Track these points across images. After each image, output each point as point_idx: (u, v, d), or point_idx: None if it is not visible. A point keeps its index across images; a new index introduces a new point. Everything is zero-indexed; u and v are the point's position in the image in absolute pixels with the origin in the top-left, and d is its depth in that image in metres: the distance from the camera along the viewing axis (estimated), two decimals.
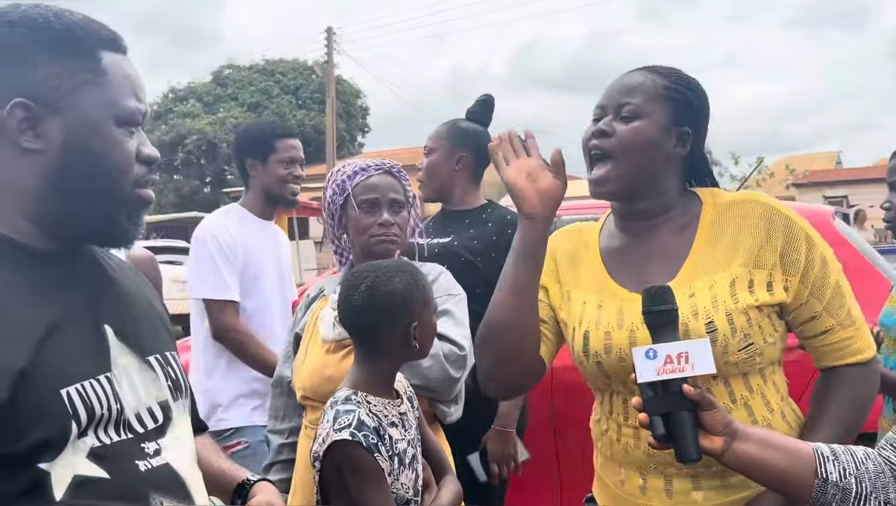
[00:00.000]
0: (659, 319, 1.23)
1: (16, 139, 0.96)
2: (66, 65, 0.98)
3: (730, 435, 1.18)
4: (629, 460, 1.43)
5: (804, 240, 1.39)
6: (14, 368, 0.87)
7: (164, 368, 1.11)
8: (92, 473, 0.91)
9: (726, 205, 1.45)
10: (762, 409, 1.39)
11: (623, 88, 1.45)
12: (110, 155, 1.01)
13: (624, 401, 1.44)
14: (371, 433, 1.45)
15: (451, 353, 1.81)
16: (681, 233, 1.46)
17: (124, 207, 1.04)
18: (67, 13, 1.01)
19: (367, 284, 1.55)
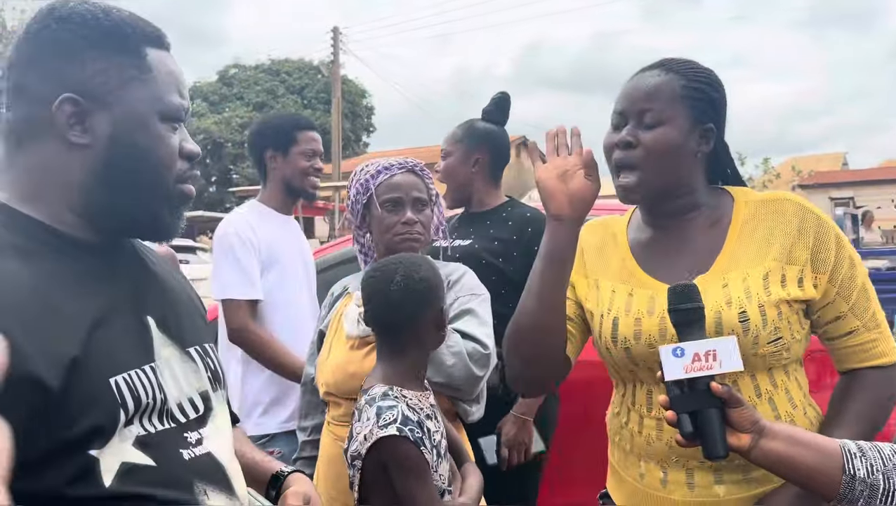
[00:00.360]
0: (685, 318, 1.24)
1: (64, 133, 0.97)
2: (113, 61, 0.99)
3: (757, 432, 1.19)
4: (650, 453, 1.44)
5: (834, 240, 1.41)
6: (66, 356, 0.88)
7: (204, 360, 1.13)
8: (139, 460, 0.93)
9: (759, 203, 1.46)
10: (786, 404, 1.40)
11: (642, 93, 1.44)
12: (155, 150, 1.02)
13: (648, 392, 1.45)
14: (416, 427, 1.47)
15: (475, 351, 1.82)
16: (712, 228, 1.47)
17: (167, 201, 1.05)
18: (115, 10, 1.02)
19: (402, 275, 1.57)
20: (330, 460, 1.83)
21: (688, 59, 1.50)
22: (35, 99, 0.98)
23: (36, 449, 0.84)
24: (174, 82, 1.05)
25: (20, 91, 0.99)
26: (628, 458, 1.50)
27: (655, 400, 1.43)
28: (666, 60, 1.49)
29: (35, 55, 0.98)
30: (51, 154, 0.98)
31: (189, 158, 1.07)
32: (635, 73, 1.50)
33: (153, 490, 0.93)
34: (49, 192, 0.99)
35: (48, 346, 0.87)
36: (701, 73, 1.46)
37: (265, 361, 2.50)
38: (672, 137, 1.41)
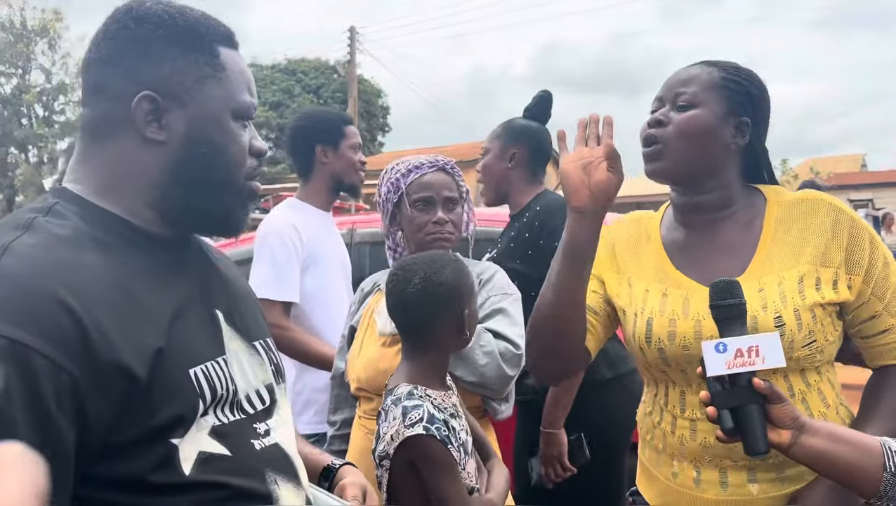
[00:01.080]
0: (727, 313, 1.24)
1: (141, 130, 1.00)
2: (188, 59, 1.02)
3: (797, 429, 1.19)
4: (683, 453, 1.45)
5: (868, 240, 1.40)
6: (152, 347, 0.91)
7: (268, 354, 1.15)
8: (215, 449, 0.95)
9: (792, 203, 1.46)
10: (819, 404, 1.40)
11: (679, 80, 1.47)
12: (228, 148, 1.04)
13: (681, 393, 1.45)
14: (442, 426, 1.48)
15: (507, 351, 1.82)
16: (746, 228, 1.47)
17: (238, 198, 1.08)
18: (188, 9, 1.04)
19: (421, 277, 1.58)
20: (361, 454, 1.84)
21: (732, 61, 1.51)
22: (114, 96, 1.00)
23: (122, 436, 0.87)
24: (245, 81, 1.07)
25: (99, 88, 1.02)
26: (660, 457, 1.50)
27: (688, 401, 1.44)
28: (710, 59, 1.51)
29: (114, 54, 1.01)
30: (128, 150, 1.01)
31: (258, 155, 1.09)
32: (680, 69, 1.52)
33: (229, 478, 0.95)
34: (125, 186, 1.01)
35: (135, 337, 0.90)
36: (742, 70, 1.48)
37: (300, 357, 2.50)
38: (703, 119, 1.42)
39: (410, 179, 1.95)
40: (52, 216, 0.96)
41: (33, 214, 0.96)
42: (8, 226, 0.93)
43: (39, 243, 0.90)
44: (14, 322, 0.80)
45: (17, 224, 0.93)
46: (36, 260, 0.88)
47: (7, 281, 0.84)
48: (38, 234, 0.92)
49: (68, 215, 0.97)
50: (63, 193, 1.02)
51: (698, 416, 1.41)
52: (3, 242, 0.89)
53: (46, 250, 0.90)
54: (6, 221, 0.96)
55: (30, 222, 0.94)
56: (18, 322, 0.81)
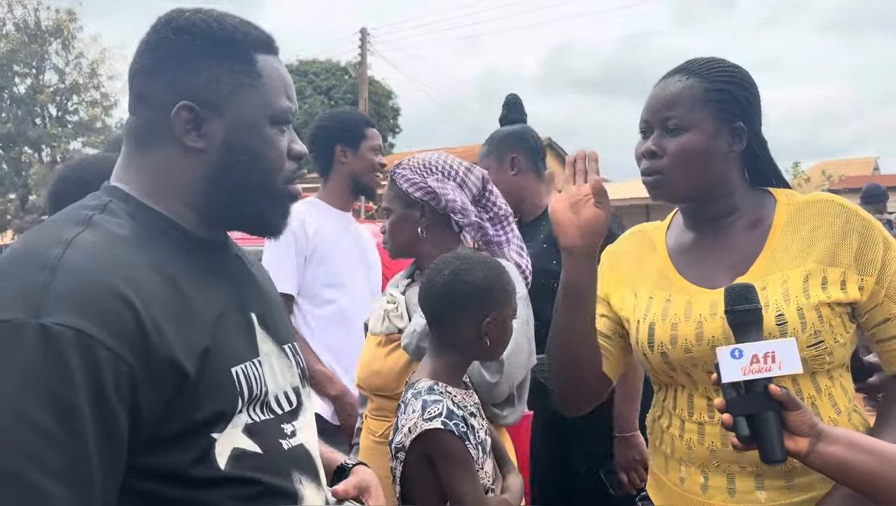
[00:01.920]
0: (743, 319, 1.22)
1: (181, 138, 1.03)
2: (225, 68, 1.04)
3: (815, 436, 1.17)
4: (691, 458, 1.43)
5: (882, 241, 1.38)
6: (200, 345, 0.95)
7: (295, 357, 1.19)
8: (248, 447, 0.98)
9: (802, 204, 1.45)
10: (829, 410, 1.38)
11: (664, 102, 1.44)
12: (266, 154, 1.07)
13: (689, 396, 1.44)
14: (461, 422, 1.48)
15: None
16: (753, 229, 1.45)
17: (277, 201, 1.10)
18: (227, 17, 1.07)
19: (451, 269, 1.57)
20: (363, 452, 1.88)
21: (712, 58, 1.48)
22: (155, 105, 1.03)
23: (170, 429, 0.91)
24: (282, 86, 1.09)
25: (141, 98, 1.06)
26: (669, 462, 1.49)
27: (696, 404, 1.42)
28: (688, 63, 1.48)
29: (155, 64, 1.04)
30: (169, 157, 1.04)
31: (297, 158, 1.11)
32: (659, 79, 1.49)
33: (260, 475, 0.99)
34: (168, 190, 1.05)
35: (186, 335, 0.94)
36: (724, 73, 1.44)
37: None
38: (697, 142, 1.40)
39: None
40: (108, 214, 1.00)
41: (90, 211, 1.00)
42: (68, 221, 0.97)
43: (100, 240, 0.94)
44: (80, 313, 0.84)
45: (77, 220, 0.97)
46: (98, 256, 0.92)
47: (72, 274, 0.88)
48: (98, 231, 0.96)
49: (122, 214, 1.01)
50: (115, 192, 1.05)
51: (706, 419, 1.40)
52: (67, 237, 0.92)
53: (107, 247, 0.94)
54: (64, 217, 1.00)
55: (89, 219, 0.97)
56: (84, 314, 0.85)
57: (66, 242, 0.91)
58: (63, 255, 0.89)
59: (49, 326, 0.82)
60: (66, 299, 0.85)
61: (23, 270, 0.89)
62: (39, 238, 0.95)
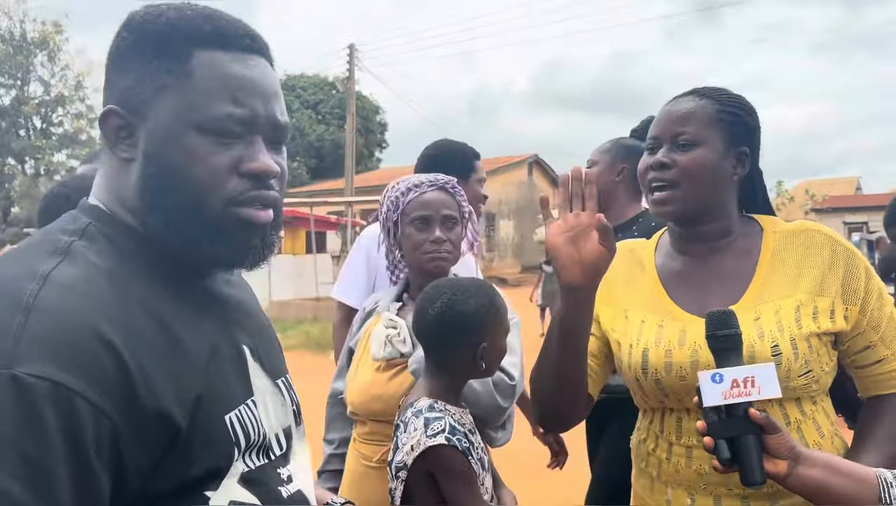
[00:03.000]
0: (723, 344, 1.24)
1: (113, 147, 0.91)
2: (151, 67, 0.89)
3: (794, 459, 1.18)
4: (678, 480, 1.44)
5: (864, 271, 1.41)
6: (191, 393, 0.84)
7: (289, 392, 1.06)
8: (245, 499, 0.88)
9: (788, 233, 1.47)
10: (814, 433, 1.40)
11: (676, 117, 1.45)
12: (189, 168, 0.88)
13: (678, 419, 1.45)
14: (462, 438, 1.49)
15: (501, 382, 1.80)
16: (743, 257, 1.47)
17: (217, 228, 0.90)
18: (173, 10, 0.92)
19: (443, 301, 1.58)
20: (353, 477, 1.84)
21: (721, 87, 1.51)
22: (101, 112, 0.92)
23: (161, 487, 0.81)
24: (223, 88, 0.89)
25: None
26: (654, 484, 1.50)
27: (685, 427, 1.43)
28: (699, 88, 1.50)
29: (106, 68, 0.94)
30: (114, 168, 0.93)
31: (250, 176, 0.91)
32: (669, 101, 1.51)
33: None
34: (129, 207, 0.92)
35: (176, 381, 0.83)
36: (734, 99, 1.48)
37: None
38: (708, 158, 1.42)
39: (410, 197, 1.93)
40: (87, 240, 0.88)
41: (69, 236, 0.87)
42: (42, 250, 0.85)
43: (80, 274, 0.82)
44: (56, 363, 0.73)
45: (55, 249, 0.85)
46: (78, 294, 0.80)
47: (48, 316, 0.76)
48: (77, 263, 0.84)
49: (101, 239, 0.89)
50: (94, 212, 0.93)
51: (694, 443, 1.41)
52: (42, 271, 0.80)
53: (88, 283, 0.82)
54: (38, 243, 0.87)
55: (67, 248, 0.85)
56: (61, 363, 0.74)
57: (41, 277, 0.79)
58: (38, 292, 0.77)
59: (22, 378, 0.71)
60: (42, 346, 0.74)
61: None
62: (10, 270, 0.82)
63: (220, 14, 0.93)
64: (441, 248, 1.90)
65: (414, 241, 1.91)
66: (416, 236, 1.91)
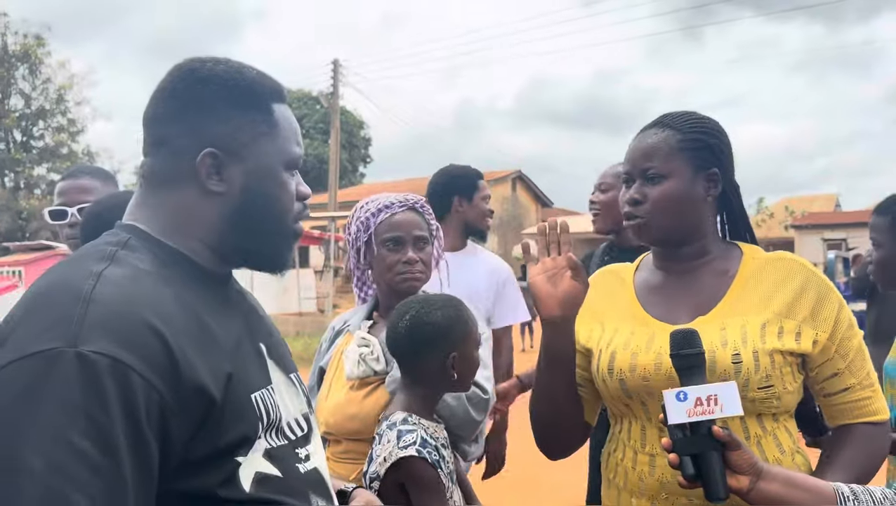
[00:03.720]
0: (687, 363, 1.28)
1: (203, 182, 1.08)
2: (247, 118, 1.10)
3: (755, 474, 1.22)
4: (642, 489, 1.48)
5: (837, 302, 1.48)
6: (224, 371, 0.99)
7: (300, 386, 1.23)
8: (268, 471, 1.02)
9: (766, 260, 1.53)
10: (774, 449, 1.44)
11: (643, 153, 1.53)
12: (280, 197, 1.13)
13: (642, 428, 1.50)
14: (433, 451, 1.54)
15: (475, 395, 1.84)
16: (719, 277, 1.53)
17: (287, 240, 1.17)
18: (246, 69, 1.13)
19: (412, 314, 1.65)
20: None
21: (684, 111, 1.57)
22: (177, 150, 1.08)
23: (198, 453, 0.95)
24: (293, 133, 1.16)
25: (162, 142, 1.10)
26: (621, 495, 1.53)
27: (648, 436, 1.48)
28: (663, 117, 1.57)
29: (178, 111, 1.09)
30: (190, 198, 1.09)
31: (303, 199, 1.18)
32: (637, 133, 1.58)
33: (282, 497, 1.03)
34: (186, 229, 1.10)
35: (211, 362, 0.98)
36: (697, 124, 1.53)
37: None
38: (677, 188, 1.49)
39: (380, 218, 1.96)
40: (129, 250, 1.04)
41: (113, 246, 1.04)
42: (92, 257, 1.01)
43: (127, 274, 0.99)
44: (114, 343, 0.88)
45: (102, 255, 1.01)
46: (127, 289, 0.96)
47: (104, 306, 0.91)
48: (123, 265, 1.00)
49: (141, 249, 1.05)
50: (132, 230, 1.09)
51: (657, 451, 1.45)
52: (96, 271, 0.97)
53: (134, 281, 0.98)
54: (87, 253, 1.04)
55: (113, 254, 1.02)
56: (118, 342, 0.88)
57: (95, 276, 0.95)
58: (95, 287, 0.93)
59: (86, 355, 0.86)
60: (101, 329, 0.89)
61: (56, 302, 0.92)
62: (67, 273, 0.99)
63: (265, 73, 1.16)
64: (414, 268, 1.93)
65: (387, 262, 1.93)
66: (389, 257, 1.93)
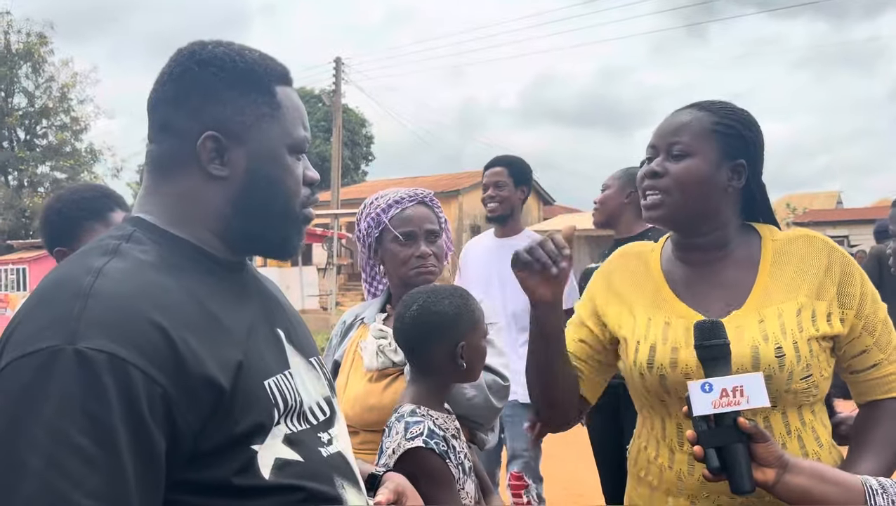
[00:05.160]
0: (711, 354, 1.27)
1: (205, 167, 1.06)
2: (248, 100, 1.08)
3: (781, 467, 1.21)
4: (681, 489, 1.46)
5: (858, 276, 1.45)
6: (233, 360, 0.98)
7: (322, 369, 1.22)
8: (289, 456, 1.01)
9: (786, 241, 1.51)
10: (813, 443, 1.43)
11: (672, 128, 1.50)
12: (285, 181, 1.11)
13: (678, 425, 1.47)
14: (441, 442, 1.53)
15: (494, 383, 1.84)
16: (743, 265, 1.50)
17: (295, 225, 1.14)
18: (247, 51, 1.11)
19: (419, 304, 1.65)
20: None
21: (724, 101, 1.53)
22: (179, 134, 1.06)
23: (211, 444, 0.94)
24: (299, 116, 1.13)
25: (165, 127, 1.08)
26: (654, 494, 1.51)
27: (687, 434, 1.46)
28: (701, 102, 1.53)
29: (179, 95, 1.07)
30: (193, 184, 1.07)
31: (311, 184, 1.16)
32: (670, 114, 1.55)
33: (304, 482, 1.02)
34: (192, 216, 1.08)
35: (218, 352, 0.97)
36: (734, 113, 1.50)
37: None
38: (699, 168, 1.46)
39: (392, 213, 1.96)
40: (133, 243, 1.03)
41: (116, 240, 1.03)
42: (95, 252, 1.00)
43: (128, 267, 0.97)
44: (112, 338, 0.88)
45: (105, 250, 1.00)
46: (127, 283, 0.95)
47: (103, 302, 0.91)
48: (125, 259, 0.99)
49: (147, 242, 1.04)
50: (139, 222, 1.08)
51: None
52: (96, 266, 0.96)
53: (135, 274, 0.97)
54: (92, 248, 1.03)
55: (116, 248, 1.01)
56: (116, 338, 0.88)
57: (95, 271, 0.94)
58: (94, 283, 0.92)
59: (84, 351, 0.86)
60: (99, 325, 0.88)
61: (55, 299, 0.92)
62: (69, 269, 0.98)
63: (269, 55, 1.14)
64: (427, 262, 1.94)
65: (400, 257, 1.94)
66: (402, 252, 1.94)
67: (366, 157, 41.97)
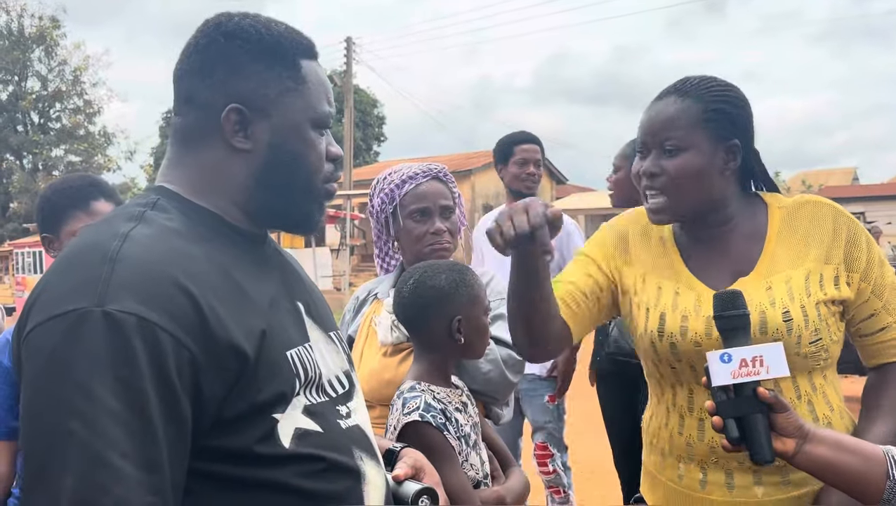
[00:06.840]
0: (731, 324, 1.26)
1: (229, 139, 1.06)
2: (273, 73, 1.07)
3: (801, 437, 1.20)
4: (690, 454, 1.47)
5: (865, 239, 1.45)
6: (257, 328, 0.98)
7: (341, 343, 1.22)
8: (308, 427, 1.02)
9: (792, 207, 1.50)
10: (824, 407, 1.43)
11: (661, 123, 1.46)
12: (307, 156, 1.10)
13: (689, 391, 1.47)
14: (438, 414, 1.54)
15: (510, 358, 1.84)
16: (750, 235, 1.50)
17: (317, 200, 1.14)
18: (273, 23, 1.10)
19: (415, 279, 1.65)
20: None
21: (704, 77, 1.49)
22: (203, 106, 1.06)
23: (233, 411, 0.94)
24: (323, 91, 1.13)
25: (189, 99, 1.08)
26: (666, 460, 1.52)
27: (696, 400, 1.46)
28: (682, 83, 1.49)
29: (205, 66, 1.06)
30: (217, 156, 1.07)
31: (334, 159, 1.15)
32: (653, 100, 1.51)
33: (323, 452, 1.02)
34: (215, 188, 1.08)
35: (243, 319, 0.97)
36: (718, 93, 1.46)
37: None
38: (695, 162, 1.44)
39: (405, 189, 1.94)
40: (158, 210, 1.03)
41: (141, 207, 1.03)
42: (120, 217, 1.01)
43: (154, 233, 0.98)
44: (141, 301, 0.87)
45: (130, 216, 1.01)
46: (154, 248, 0.95)
47: (130, 266, 0.91)
48: (151, 225, 0.99)
49: (171, 210, 1.04)
50: (162, 191, 1.08)
51: (706, 416, 1.43)
52: (122, 231, 0.96)
53: (161, 240, 0.97)
54: (117, 214, 1.04)
55: (141, 215, 1.01)
56: (145, 301, 0.88)
57: (122, 236, 0.94)
58: (121, 247, 0.92)
59: (113, 314, 0.85)
60: (127, 288, 0.88)
61: (84, 263, 0.92)
62: (95, 234, 0.98)
63: (295, 28, 1.13)
64: (442, 238, 1.92)
65: (415, 233, 1.92)
66: (416, 229, 1.92)
67: (377, 137, 41.90)
